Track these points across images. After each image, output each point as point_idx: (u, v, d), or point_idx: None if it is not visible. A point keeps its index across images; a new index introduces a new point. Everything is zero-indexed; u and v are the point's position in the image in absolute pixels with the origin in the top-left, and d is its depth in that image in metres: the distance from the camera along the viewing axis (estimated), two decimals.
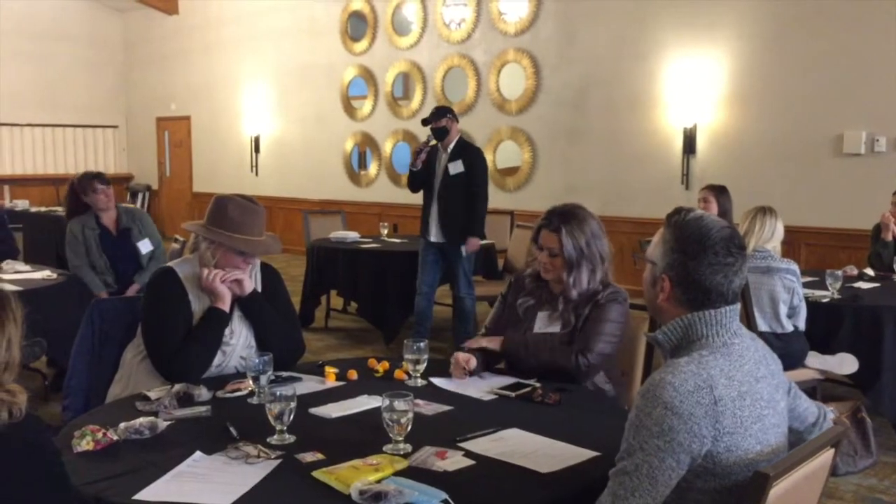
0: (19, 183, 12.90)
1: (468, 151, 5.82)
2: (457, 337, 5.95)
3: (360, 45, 10.80)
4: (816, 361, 4.05)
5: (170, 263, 2.92)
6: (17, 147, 13.75)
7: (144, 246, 5.26)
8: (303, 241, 7.66)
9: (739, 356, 1.68)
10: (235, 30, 12.45)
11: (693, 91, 7.85)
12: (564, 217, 2.89)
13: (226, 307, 2.75)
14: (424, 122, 5.85)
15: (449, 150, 5.76)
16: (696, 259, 1.69)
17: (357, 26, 10.93)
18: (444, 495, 1.74)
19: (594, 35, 8.56)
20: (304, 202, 11.19)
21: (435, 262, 5.91)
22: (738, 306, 1.75)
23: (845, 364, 4.00)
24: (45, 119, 13.87)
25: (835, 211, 7.06)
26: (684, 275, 1.71)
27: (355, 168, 11.19)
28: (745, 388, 1.64)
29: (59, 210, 9.62)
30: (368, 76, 10.78)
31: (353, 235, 7.03)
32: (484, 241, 6.74)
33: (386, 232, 7.29)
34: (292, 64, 11.72)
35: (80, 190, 5.13)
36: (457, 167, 5.69)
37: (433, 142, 5.76)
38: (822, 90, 7.08)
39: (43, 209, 10.19)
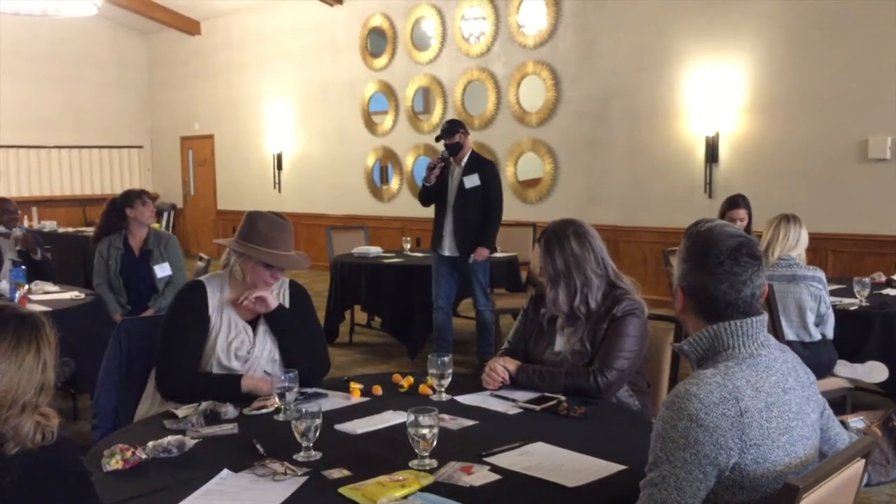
0: (47, 204, 13.07)
1: (483, 166, 5.86)
2: (479, 350, 5.94)
3: (380, 61, 10.87)
4: (845, 370, 4.00)
5: (201, 277, 2.95)
6: (45, 169, 13.96)
7: (162, 270, 5.24)
8: (326, 257, 7.69)
9: (766, 367, 1.66)
10: (256, 49, 12.58)
11: (715, 99, 7.82)
12: (547, 235, 2.90)
13: (248, 389, 2.69)
14: (438, 139, 5.85)
15: (463, 164, 5.77)
16: (701, 269, 1.71)
17: (377, 42, 11.00)
18: None
19: (614, 45, 8.56)
20: (326, 218, 11.25)
21: (449, 275, 5.90)
22: (765, 317, 1.74)
23: (875, 372, 3.95)
24: (72, 141, 14.09)
25: (861, 217, 6.99)
26: (692, 284, 1.73)
27: (377, 183, 11.24)
28: (772, 400, 1.62)
29: (87, 231, 9.74)
30: (389, 91, 10.84)
31: (375, 250, 7.05)
32: (506, 254, 6.76)
33: (408, 246, 7.31)
34: (313, 81, 11.81)
35: (127, 203, 5.17)
36: (473, 181, 5.70)
37: (447, 156, 5.76)
38: (846, 96, 7.02)
39: (70, 230, 10.31)
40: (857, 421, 4.14)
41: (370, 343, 7.11)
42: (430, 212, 9.19)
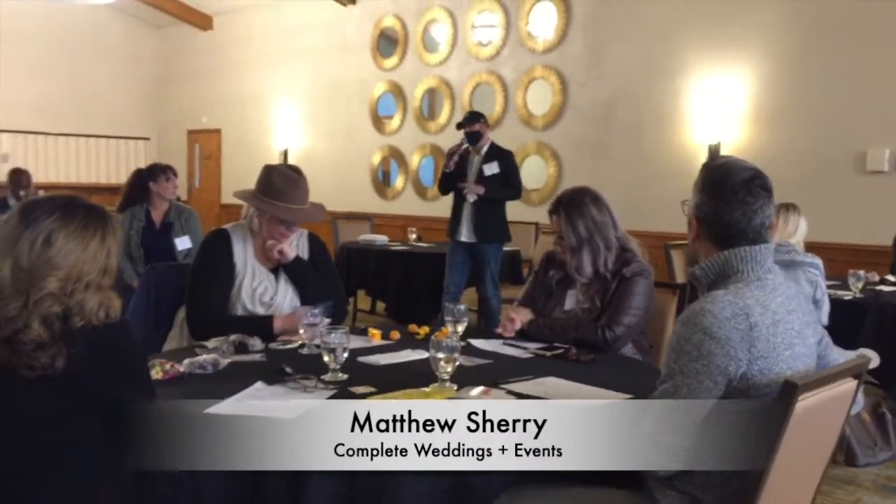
0: (52, 191, 13.09)
1: (503, 155, 6.07)
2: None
3: (391, 62, 11.04)
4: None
5: (225, 226, 3.09)
6: (52, 156, 14.07)
7: (182, 243, 5.37)
8: (331, 251, 7.81)
9: (773, 289, 1.81)
10: (268, 46, 12.74)
11: (717, 108, 7.99)
12: (564, 204, 3.05)
13: (279, 329, 2.81)
14: (459, 126, 6.05)
15: (482, 153, 5.96)
16: (716, 198, 1.85)
17: (388, 43, 11.17)
18: None
19: (621, 53, 8.74)
20: (331, 214, 11.35)
21: (463, 263, 6.07)
22: (772, 245, 1.88)
23: None
24: (79, 129, 14.20)
25: (857, 227, 7.14)
26: (707, 213, 1.87)
27: (382, 181, 11.39)
28: (778, 318, 1.76)
29: None
30: (398, 91, 11.01)
31: (381, 239, 7.18)
32: (510, 248, 6.91)
33: (414, 237, 7.44)
34: (323, 79, 11.97)
35: (151, 177, 5.28)
36: (492, 168, 5.91)
37: (466, 145, 5.95)
38: (846, 108, 7.20)
39: None
40: None
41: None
42: (432, 210, 9.33)
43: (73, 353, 1.58)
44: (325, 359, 2.26)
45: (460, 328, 2.78)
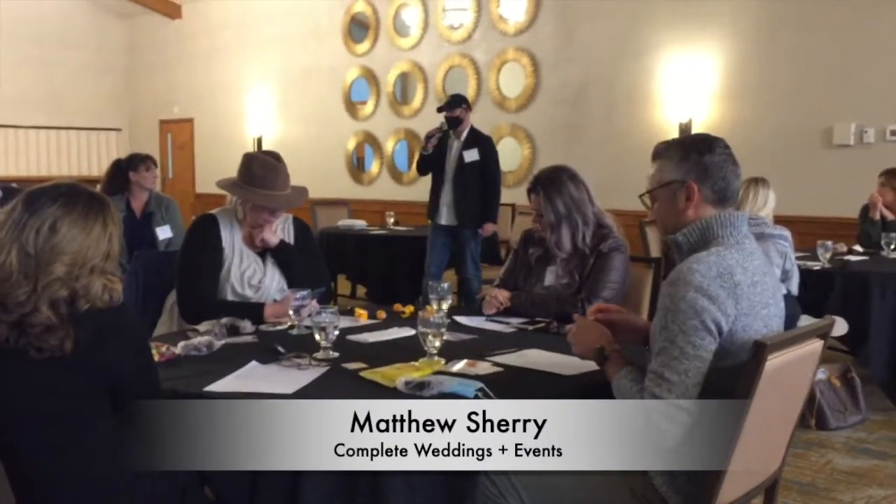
0: (24, 185, 13.01)
1: (482, 141, 6.11)
2: None
3: (362, 47, 11.05)
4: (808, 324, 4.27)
5: (212, 211, 3.15)
6: (22, 149, 13.93)
7: (163, 232, 5.38)
8: None
9: (750, 253, 1.90)
10: (238, 33, 12.69)
11: (688, 87, 8.12)
12: (543, 181, 3.15)
13: (269, 317, 2.86)
14: (440, 110, 6.10)
15: (462, 138, 6.02)
16: (710, 152, 1.93)
17: (359, 29, 11.18)
18: (481, 384, 1.97)
19: (592, 34, 8.84)
20: (308, 201, 11.37)
21: (444, 245, 6.14)
22: (747, 214, 1.99)
23: (834, 326, 4.21)
24: (49, 122, 14.07)
25: (825, 200, 7.31)
26: (705, 171, 1.93)
27: (357, 167, 11.42)
28: (756, 279, 1.85)
29: None
30: (370, 76, 11.03)
31: (360, 224, 7.25)
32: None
33: (392, 220, 7.50)
34: (295, 66, 11.96)
35: (131, 167, 5.27)
36: (472, 155, 5.96)
37: (445, 128, 6.01)
38: (813, 84, 7.35)
39: None
40: (819, 372, 4.44)
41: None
42: (409, 195, 9.39)
43: (80, 335, 1.65)
44: (317, 337, 2.34)
45: (445, 305, 2.86)
